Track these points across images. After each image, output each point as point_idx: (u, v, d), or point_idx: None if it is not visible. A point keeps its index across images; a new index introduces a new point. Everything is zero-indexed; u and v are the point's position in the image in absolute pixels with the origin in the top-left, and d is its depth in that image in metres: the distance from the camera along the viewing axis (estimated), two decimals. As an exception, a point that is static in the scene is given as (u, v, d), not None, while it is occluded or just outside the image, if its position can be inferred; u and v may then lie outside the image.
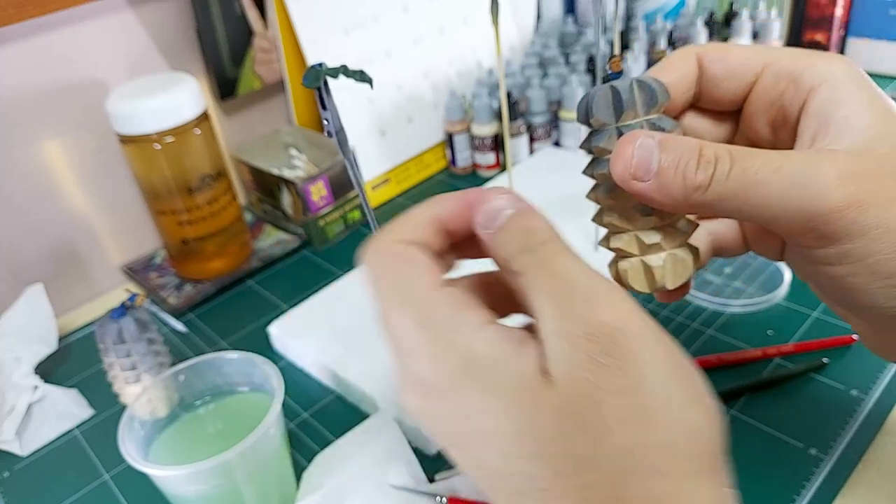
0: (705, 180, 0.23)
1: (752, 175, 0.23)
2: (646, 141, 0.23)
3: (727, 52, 0.29)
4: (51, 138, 0.64)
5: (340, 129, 0.34)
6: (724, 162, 0.23)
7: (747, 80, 0.28)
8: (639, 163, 0.23)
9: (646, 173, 0.23)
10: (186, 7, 0.69)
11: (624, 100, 0.24)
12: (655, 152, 0.23)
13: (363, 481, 0.42)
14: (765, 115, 0.28)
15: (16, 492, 0.49)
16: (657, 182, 0.23)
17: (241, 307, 0.64)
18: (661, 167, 0.23)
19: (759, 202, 0.23)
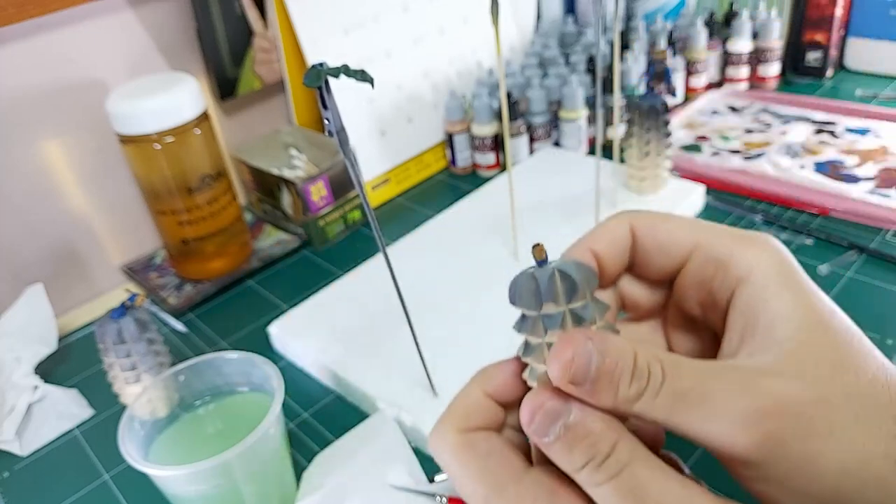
0: (635, 394, 0.23)
1: (678, 399, 0.23)
2: (585, 347, 0.23)
3: (657, 226, 0.28)
4: (51, 138, 0.64)
5: (341, 128, 0.35)
6: (656, 378, 0.23)
7: (677, 259, 0.28)
8: (577, 370, 0.23)
9: (582, 380, 0.23)
10: (186, 7, 0.69)
11: (542, 291, 0.24)
12: (594, 359, 0.23)
13: (363, 481, 0.42)
14: (695, 295, 0.28)
15: (16, 492, 0.49)
16: (591, 389, 0.23)
17: (241, 307, 0.64)
18: (596, 376, 0.23)
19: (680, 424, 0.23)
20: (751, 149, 0.74)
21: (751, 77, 0.89)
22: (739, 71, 0.87)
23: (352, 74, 0.32)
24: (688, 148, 0.76)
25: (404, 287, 0.42)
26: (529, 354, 0.25)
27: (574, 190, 0.68)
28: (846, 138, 0.73)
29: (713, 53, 0.88)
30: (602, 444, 0.22)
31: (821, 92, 0.86)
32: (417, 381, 0.48)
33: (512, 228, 0.61)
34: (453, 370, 0.49)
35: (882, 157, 0.69)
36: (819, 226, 0.62)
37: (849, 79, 0.88)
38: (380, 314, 0.56)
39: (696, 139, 0.78)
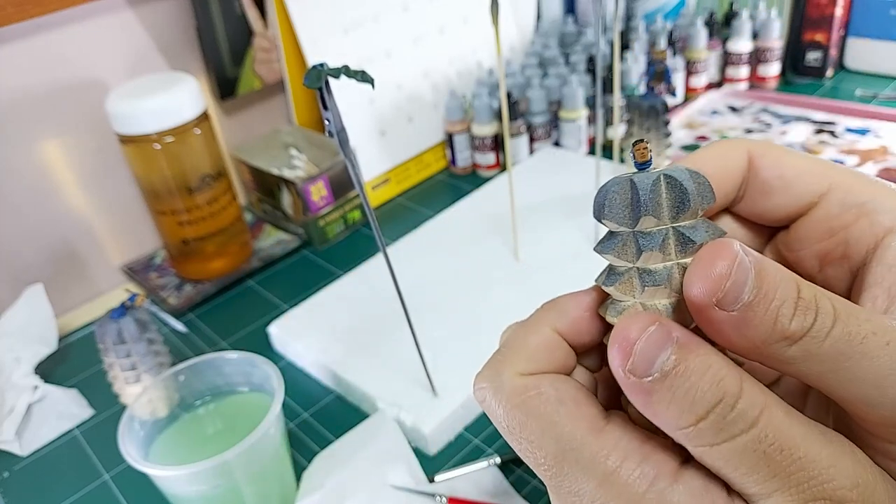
0: (799, 331, 0.17)
1: (855, 344, 0.17)
2: (744, 260, 0.17)
3: (785, 159, 0.23)
4: (51, 138, 0.64)
5: (341, 128, 0.35)
6: (827, 316, 0.17)
7: (806, 200, 0.23)
8: (732, 287, 0.17)
9: (733, 302, 0.17)
10: (186, 7, 0.69)
11: (642, 201, 0.19)
12: (750, 277, 0.17)
13: (363, 481, 0.42)
14: (819, 244, 0.23)
15: (16, 492, 0.49)
16: (741, 317, 0.17)
17: (241, 307, 0.64)
18: (752, 300, 0.17)
19: (852, 377, 0.17)
20: (751, 149, 0.74)
21: (751, 77, 0.89)
22: (739, 71, 0.87)
23: (352, 75, 0.32)
24: (688, 148, 0.76)
25: (404, 287, 0.42)
26: (613, 283, 0.20)
27: (574, 190, 0.68)
28: (846, 138, 0.73)
29: (713, 53, 0.88)
30: (729, 381, 0.17)
31: (821, 92, 0.86)
32: (417, 381, 0.48)
33: (512, 228, 0.61)
34: (453, 370, 0.49)
35: (882, 157, 0.69)
36: (819, 226, 0.62)
37: (849, 79, 0.88)
38: (380, 314, 0.56)
39: (696, 139, 0.78)
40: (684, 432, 0.17)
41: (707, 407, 0.17)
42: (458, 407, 0.47)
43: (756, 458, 0.17)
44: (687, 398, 0.17)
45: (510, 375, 0.21)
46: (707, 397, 0.17)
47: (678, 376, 0.17)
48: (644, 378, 0.17)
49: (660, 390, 0.17)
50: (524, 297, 0.54)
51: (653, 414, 0.18)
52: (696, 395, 0.17)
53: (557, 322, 0.22)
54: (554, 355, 0.21)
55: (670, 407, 0.17)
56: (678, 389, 0.17)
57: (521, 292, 0.55)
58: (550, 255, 0.60)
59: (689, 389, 0.17)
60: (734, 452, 0.17)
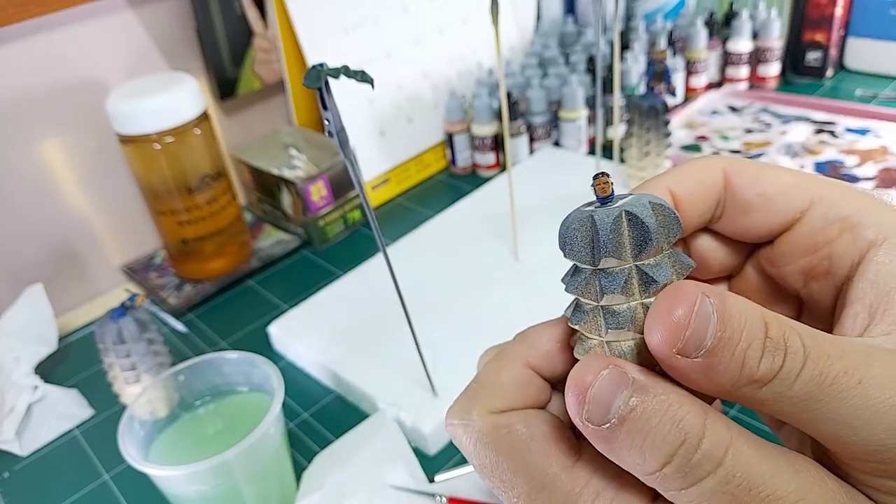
0: (768, 374, 0.16)
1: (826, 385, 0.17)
2: (705, 304, 0.16)
3: (763, 175, 0.22)
4: (51, 138, 0.64)
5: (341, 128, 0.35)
6: (796, 356, 0.17)
7: (788, 216, 0.22)
8: (692, 335, 0.16)
9: (695, 349, 0.16)
10: (186, 7, 0.69)
11: (602, 240, 0.18)
12: (713, 322, 0.16)
13: (363, 481, 0.42)
14: (801, 261, 0.23)
15: (16, 492, 0.49)
16: (705, 363, 0.16)
17: (241, 307, 0.64)
18: (715, 346, 0.16)
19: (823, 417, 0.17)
20: (751, 149, 0.74)
21: (751, 77, 0.89)
22: (739, 71, 0.87)
23: (352, 75, 0.32)
24: (688, 148, 0.76)
25: (404, 287, 0.42)
26: (579, 321, 0.19)
27: (574, 190, 0.68)
28: (846, 138, 0.73)
29: (713, 53, 0.88)
30: (690, 421, 0.16)
31: (821, 92, 0.86)
32: (417, 381, 0.48)
33: (512, 228, 0.61)
34: (453, 370, 0.49)
35: (882, 157, 0.69)
36: (819, 226, 0.62)
37: (849, 79, 0.88)
38: (380, 314, 0.56)
39: (696, 139, 0.78)
40: (650, 478, 0.17)
41: (670, 451, 0.16)
42: (458, 407, 0.47)
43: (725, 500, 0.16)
44: (647, 443, 0.16)
45: (481, 413, 0.20)
46: (668, 440, 0.16)
47: (636, 420, 0.16)
48: (602, 425, 0.17)
49: (619, 437, 0.16)
50: (524, 297, 0.54)
51: (617, 460, 0.17)
52: (656, 439, 0.16)
53: (529, 356, 0.21)
54: (526, 391, 0.21)
55: (631, 453, 0.16)
56: (637, 434, 0.16)
57: (521, 292, 0.55)
58: (550, 255, 0.59)
59: (648, 433, 0.16)
60: (703, 495, 0.16)
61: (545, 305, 0.54)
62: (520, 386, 0.21)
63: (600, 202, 0.19)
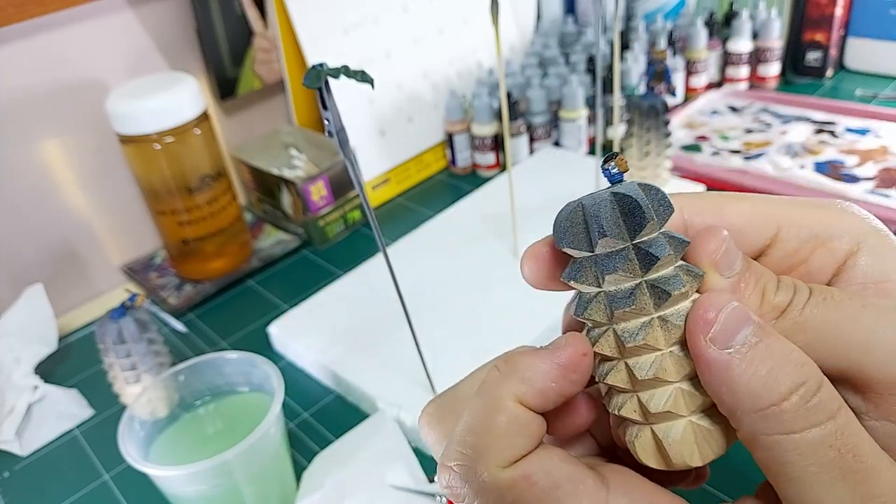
0: (783, 302, 0.19)
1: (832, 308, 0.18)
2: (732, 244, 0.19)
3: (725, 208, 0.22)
4: (51, 138, 0.64)
5: (341, 128, 0.35)
6: (804, 289, 0.19)
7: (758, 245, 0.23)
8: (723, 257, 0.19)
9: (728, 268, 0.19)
10: (186, 7, 0.69)
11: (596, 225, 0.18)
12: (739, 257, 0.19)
13: (363, 481, 0.42)
14: None
15: (16, 492, 0.49)
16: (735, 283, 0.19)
17: (241, 307, 0.64)
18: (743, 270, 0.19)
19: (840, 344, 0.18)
20: (751, 149, 0.74)
21: (751, 77, 0.89)
22: (739, 71, 0.87)
23: (352, 75, 0.32)
24: (688, 148, 0.76)
25: (404, 287, 0.42)
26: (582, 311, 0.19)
27: (574, 190, 0.68)
28: (846, 138, 0.73)
29: (713, 53, 0.88)
30: (810, 370, 0.17)
31: (821, 92, 0.86)
32: (417, 381, 0.48)
33: (512, 228, 0.61)
34: (453, 370, 0.49)
35: (882, 157, 0.69)
36: (819, 226, 0.62)
37: (849, 79, 0.88)
38: (380, 314, 0.56)
39: (696, 139, 0.78)
40: (762, 413, 0.17)
41: (791, 387, 0.16)
42: (458, 407, 0.47)
43: (830, 456, 0.16)
44: (770, 375, 0.17)
45: (492, 472, 0.18)
46: (791, 377, 0.16)
47: (763, 350, 0.17)
48: (724, 349, 0.17)
49: (741, 363, 0.17)
50: (524, 297, 0.54)
51: (728, 390, 0.17)
52: (780, 373, 0.17)
53: (522, 394, 0.19)
54: (528, 431, 0.19)
55: (751, 382, 0.17)
56: (761, 365, 0.17)
57: (521, 292, 0.55)
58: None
59: (772, 367, 0.17)
60: (811, 445, 0.16)
61: (545, 305, 0.54)
62: (521, 428, 0.19)
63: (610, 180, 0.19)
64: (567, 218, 0.19)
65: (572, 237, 0.18)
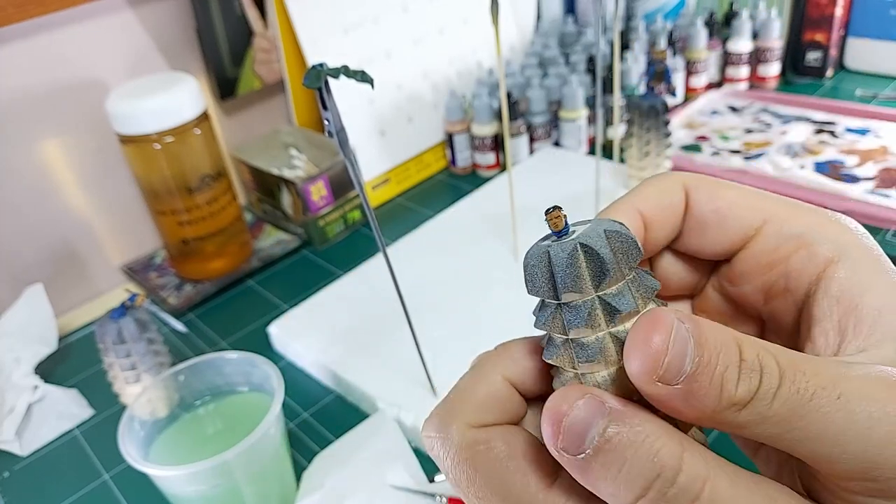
0: (746, 396, 0.16)
1: (805, 401, 0.16)
2: (680, 329, 0.16)
3: (718, 192, 0.23)
4: (51, 138, 0.64)
5: (341, 128, 0.35)
6: (772, 376, 0.17)
7: (742, 234, 0.23)
8: (671, 362, 0.16)
9: (676, 376, 0.16)
10: (186, 7, 0.69)
11: (559, 278, 0.18)
12: (690, 347, 0.16)
13: (363, 481, 0.42)
14: (760, 278, 0.23)
15: (16, 492, 0.49)
16: (686, 389, 0.16)
17: (241, 307, 0.64)
18: (695, 371, 0.16)
19: (807, 436, 0.17)
20: (751, 149, 0.74)
21: (751, 77, 0.89)
22: (739, 71, 0.87)
23: (352, 75, 0.32)
24: (688, 148, 0.76)
25: (404, 287, 0.42)
26: (552, 355, 0.19)
27: (574, 190, 0.68)
28: (846, 138, 0.73)
29: (713, 53, 0.88)
30: (666, 453, 0.16)
31: (821, 92, 0.86)
32: (417, 380, 0.48)
33: (512, 228, 0.61)
34: (453, 370, 0.49)
35: (882, 157, 0.69)
36: (819, 226, 0.62)
37: (849, 79, 0.88)
38: (380, 314, 0.56)
39: (696, 139, 0.78)
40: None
41: (645, 484, 0.16)
42: (458, 407, 0.47)
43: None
44: (623, 475, 0.16)
45: (459, 427, 0.20)
46: (644, 473, 0.16)
47: (611, 451, 0.16)
48: (577, 455, 0.16)
49: (594, 467, 0.16)
50: (524, 297, 0.54)
51: (593, 489, 0.17)
52: (631, 471, 0.16)
53: (508, 371, 0.21)
54: (504, 405, 0.20)
55: (606, 484, 0.16)
56: (612, 465, 0.16)
57: (520, 292, 0.55)
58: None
59: (623, 464, 0.16)
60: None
61: (545, 305, 0.54)
62: (498, 400, 0.20)
63: (556, 235, 0.19)
64: (534, 265, 0.19)
65: (539, 285, 0.19)
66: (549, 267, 0.18)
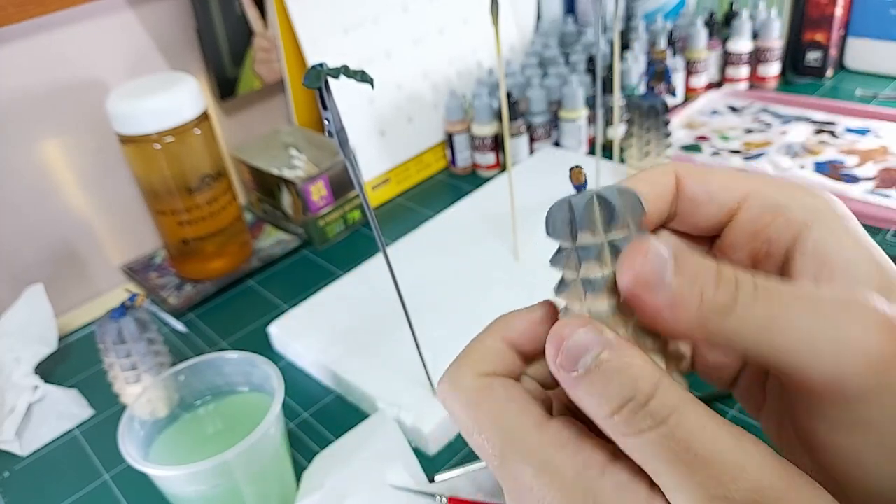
0: (727, 301, 0.19)
1: (782, 304, 0.19)
2: (658, 249, 0.20)
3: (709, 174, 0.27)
4: (51, 138, 0.64)
5: (341, 128, 0.35)
6: (748, 284, 0.20)
7: (729, 207, 0.26)
8: (651, 272, 0.20)
9: (658, 284, 0.20)
10: (186, 7, 0.69)
11: (577, 219, 0.22)
12: (669, 264, 0.20)
13: (363, 481, 0.42)
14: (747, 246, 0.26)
15: (16, 492, 0.49)
16: (670, 297, 0.20)
17: (241, 307, 0.64)
18: (675, 281, 0.20)
19: (787, 339, 0.19)
20: (751, 149, 0.74)
21: (751, 77, 0.89)
22: (739, 71, 0.87)
23: (352, 75, 0.32)
24: (688, 148, 0.76)
25: (404, 287, 0.42)
26: (562, 292, 0.23)
27: (574, 190, 0.68)
28: (846, 138, 0.73)
29: (713, 53, 0.88)
30: (643, 382, 0.19)
31: (821, 92, 0.86)
32: (417, 380, 0.48)
33: (512, 228, 0.61)
34: (453, 370, 0.49)
35: (882, 157, 0.69)
36: (819, 226, 0.62)
37: (849, 79, 0.88)
38: (380, 314, 0.56)
39: (696, 139, 0.78)
40: (602, 421, 0.20)
41: (620, 402, 0.19)
42: (458, 407, 0.47)
43: (665, 453, 0.19)
44: (605, 393, 0.20)
45: (467, 375, 0.23)
46: (622, 394, 0.19)
47: (600, 374, 0.20)
48: (571, 373, 0.20)
49: (582, 384, 0.20)
50: (524, 297, 0.54)
51: (577, 402, 0.21)
52: (612, 391, 0.19)
53: (506, 332, 0.24)
54: (503, 360, 0.24)
55: (590, 398, 0.20)
56: (597, 384, 0.20)
57: (520, 292, 0.55)
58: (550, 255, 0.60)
59: (607, 385, 0.20)
60: (645, 445, 0.19)
61: (545, 305, 0.54)
62: (497, 355, 0.24)
63: (576, 189, 0.22)
64: (556, 211, 0.22)
65: (559, 229, 0.22)
66: (569, 212, 0.22)
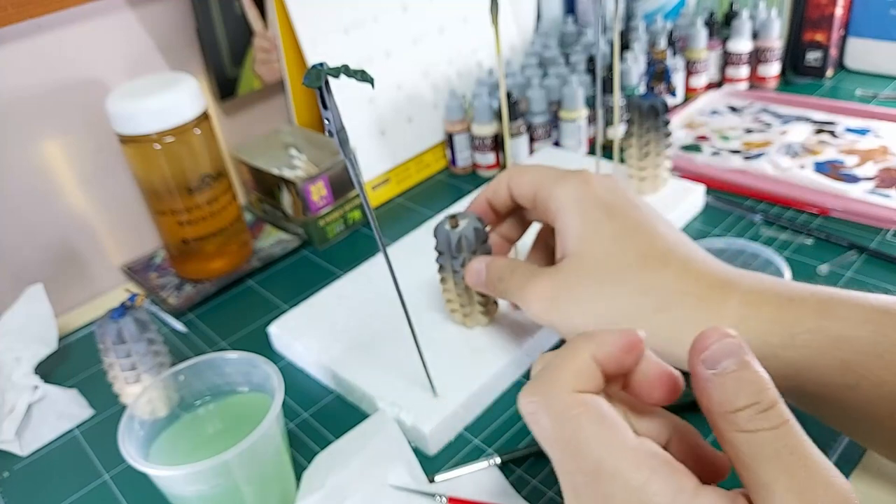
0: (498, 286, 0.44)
1: (510, 288, 0.43)
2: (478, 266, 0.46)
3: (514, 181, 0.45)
4: (51, 138, 0.64)
5: (341, 128, 0.35)
6: (504, 278, 0.43)
7: (527, 200, 0.44)
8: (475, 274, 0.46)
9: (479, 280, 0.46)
10: (186, 7, 0.69)
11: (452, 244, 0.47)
12: (483, 272, 0.45)
13: (363, 481, 0.42)
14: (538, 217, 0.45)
15: (16, 492, 0.49)
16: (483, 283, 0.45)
17: (241, 307, 0.64)
18: (486, 279, 0.45)
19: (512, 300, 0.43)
20: (751, 149, 0.74)
21: (751, 77, 0.89)
22: (739, 71, 0.87)
23: (352, 74, 0.32)
24: (688, 148, 0.76)
25: (404, 287, 0.42)
26: (442, 273, 0.50)
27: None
28: (846, 138, 0.73)
29: (713, 53, 0.88)
30: (767, 394, 0.23)
31: (821, 92, 0.86)
32: (417, 381, 0.48)
33: (512, 228, 0.61)
34: (453, 370, 0.49)
35: (882, 156, 0.69)
36: (819, 226, 0.62)
37: (849, 79, 0.88)
38: (380, 314, 0.56)
39: (696, 139, 0.78)
40: (723, 414, 0.23)
41: (747, 402, 0.23)
42: (458, 407, 0.47)
43: (773, 451, 0.22)
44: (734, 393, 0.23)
45: (560, 392, 0.25)
46: (749, 397, 0.23)
47: (734, 377, 0.23)
48: (710, 370, 0.24)
49: (717, 380, 0.23)
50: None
51: (703, 393, 0.24)
52: (741, 392, 0.23)
53: (596, 351, 0.26)
54: (593, 378, 0.26)
55: (722, 393, 0.23)
56: (731, 385, 0.23)
57: (521, 292, 0.55)
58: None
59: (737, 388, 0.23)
60: (758, 440, 0.22)
61: (545, 305, 0.54)
62: (589, 373, 0.26)
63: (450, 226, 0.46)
64: (443, 237, 0.47)
65: (443, 247, 0.47)
66: (447, 239, 0.47)
